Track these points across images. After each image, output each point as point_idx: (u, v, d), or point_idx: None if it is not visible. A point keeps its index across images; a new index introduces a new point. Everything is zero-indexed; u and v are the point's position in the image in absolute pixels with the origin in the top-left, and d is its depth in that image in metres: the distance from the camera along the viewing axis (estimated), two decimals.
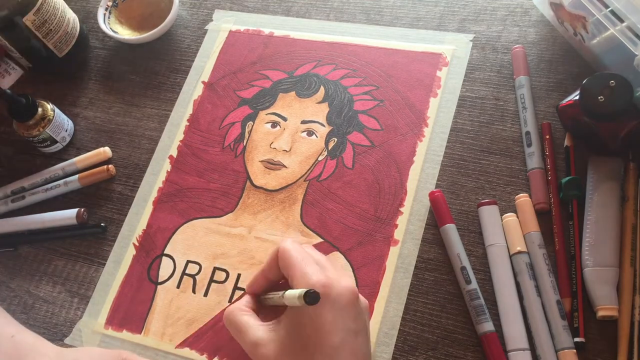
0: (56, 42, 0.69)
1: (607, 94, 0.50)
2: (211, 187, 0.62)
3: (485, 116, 0.59)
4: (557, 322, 0.48)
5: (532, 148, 0.55)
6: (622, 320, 0.47)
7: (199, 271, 0.58)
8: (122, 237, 0.62)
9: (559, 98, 0.57)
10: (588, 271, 0.49)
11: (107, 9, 0.73)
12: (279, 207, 0.59)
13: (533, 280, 0.50)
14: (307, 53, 0.67)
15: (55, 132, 0.66)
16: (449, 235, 0.53)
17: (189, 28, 0.73)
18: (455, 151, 0.58)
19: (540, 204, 0.53)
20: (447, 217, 0.54)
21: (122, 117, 0.69)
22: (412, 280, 0.53)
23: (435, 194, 0.55)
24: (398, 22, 0.66)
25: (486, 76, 0.61)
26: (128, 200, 0.64)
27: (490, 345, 0.49)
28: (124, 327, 0.57)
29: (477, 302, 0.50)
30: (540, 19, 0.62)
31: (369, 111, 0.62)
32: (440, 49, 0.63)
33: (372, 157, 0.60)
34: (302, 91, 0.65)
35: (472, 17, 0.65)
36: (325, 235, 0.57)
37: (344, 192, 0.59)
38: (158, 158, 0.65)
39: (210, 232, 0.60)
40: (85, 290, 0.60)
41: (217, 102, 0.67)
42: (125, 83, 0.71)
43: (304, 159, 0.61)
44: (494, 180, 0.56)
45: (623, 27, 0.49)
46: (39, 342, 0.53)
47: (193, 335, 0.55)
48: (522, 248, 0.51)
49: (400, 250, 0.55)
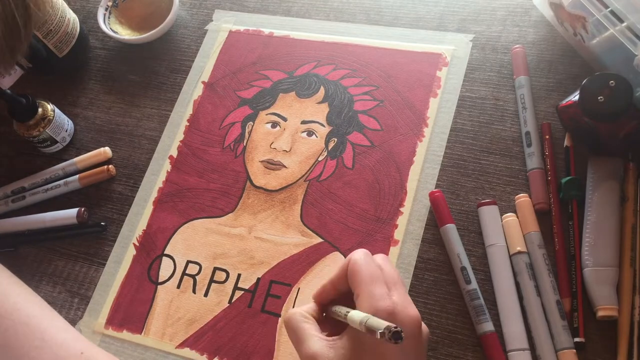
0: (56, 42, 0.69)
1: (607, 94, 0.50)
2: (211, 187, 0.62)
3: (485, 116, 0.59)
4: (557, 322, 0.48)
5: (532, 148, 0.55)
6: (622, 320, 0.47)
7: (199, 271, 0.58)
8: (122, 237, 0.62)
9: (558, 98, 0.57)
10: (588, 271, 0.49)
11: (107, 9, 0.73)
12: (279, 207, 0.59)
13: (533, 281, 0.50)
14: (307, 53, 0.67)
15: (55, 132, 0.67)
16: (449, 235, 0.53)
17: (189, 28, 0.73)
18: (455, 151, 0.58)
19: (540, 204, 0.53)
20: (447, 217, 0.54)
21: (122, 117, 0.69)
22: (412, 280, 0.53)
23: (435, 194, 0.55)
24: (398, 22, 0.66)
25: (486, 76, 0.61)
26: (128, 201, 0.64)
27: (490, 345, 0.49)
28: (124, 327, 0.57)
29: (477, 302, 0.50)
30: (540, 19, 0.62)
31: (369, 111, 0.62)
32: (440, 49, 0.63)
33: (372, 157, 0.60)
34: (302, 91, 0.65)
35: (472, 17, 0.65)
36: (325, 235, 0.57)
37: (344, 192, 0.59)
38: (158, 158, 0.65)
39: (210, 232, 0.60)
40: (86, 291, 0.60)
41: (217, 102, 0.67)
42: (125, 83, 0.72)
43: (304, 159, 0.61)
44: (494, 180, 0.56)
45: (623, 27, 0.49)
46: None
47: (193, 335, 0.55)
48: (522, 248, 0.51)
49: (400, 250, 0.55)
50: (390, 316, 0.40)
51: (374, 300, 0.41)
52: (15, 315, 0.51)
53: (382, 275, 0.43)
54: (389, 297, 0.41)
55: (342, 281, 0.45)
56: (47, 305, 0.54)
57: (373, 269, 0.43)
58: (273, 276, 0.56)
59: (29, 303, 0.53)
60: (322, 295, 0.47)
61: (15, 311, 0.51)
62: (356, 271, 0.43)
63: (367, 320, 0.38)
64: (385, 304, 0.40)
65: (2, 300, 0.52)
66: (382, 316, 0.39)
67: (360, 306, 0.41)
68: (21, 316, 0.51)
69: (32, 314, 0.51)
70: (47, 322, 0.52)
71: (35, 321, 0.51)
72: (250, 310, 0.55)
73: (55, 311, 0.54)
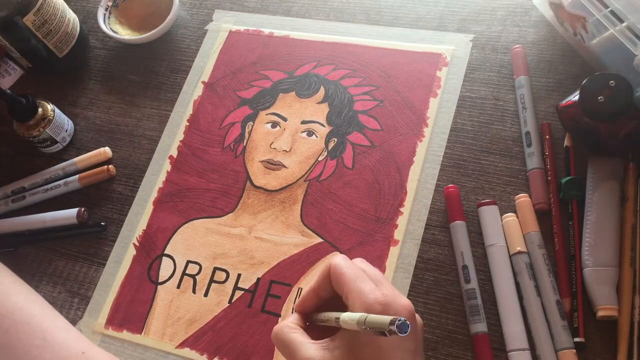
0: (56, 42, 0.69)
1: (607, 94, 0.50)
2: (211, 187, 0.62)
3: (485, 116, 0.59)
4: (557, 322, 0.48)
5: (532, 148, 0.55)
6: (621, 320, 0.47)
7: (199, 271, 0.58)
8: (122, 237, 0.62)
9: (558, 98, 0.57)
10: (588, 271, 0.49)
11: (107, 9, 0.73)
12: (279, 207, 0.59)
13: (533, 280, 0.50)
14: (307, 53, 0.67)
15: (55, 132, 0.67)
16: (457, 232, 0.53)
17: (189, 28, 0.73)
18: (455, 151, 0.58)
19: (540, 204, 0.53)
20: (459, 213, 0.54)
21: (122, 117, 0.69)
22: (412, 280, 0.53)
23: (450, 189, 0.55)
24: (398, 22, 0.66)
25: (486, 76, 0.61)
26: (128, 201, 0.64)
27: (481, 346, 0.49)
28: (124, 327, 0.57)
29: (472, 302, 0.50)
30: (540, 19, 0.62)
31: (369, 111, 0.62)
32: (440, 49, 0.63)
33: (372, 157, 0.60)
34: (302, 91, 0.65)
35: (472, 17, 0.65)
36: (325, 235, 0.57)
37: (344, 192, 0.59)
38: (158, 158, 0.65)
39: (210, 232, 0.60)
40: (86, 291, 0.60)
41: (217, 102, 0.67)
42: (125, 83, 0.72)
43: (304, 159, 0.61)
44: (494, 180, 0.56)
45: (623, 27, 0.49)
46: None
47: (193, 335, 0.55)
48: (522, 248, 0.51)
49: (400, 250, 0.55)
50: (383, 307, 0.40)
51: (364, 296, 0.41)
52: (16, 315, 0.51)
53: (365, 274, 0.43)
54: (377, 290, 0.41)
55: (324, 288, 0.45)
56: (48, 305, 0.54)
57: (356, 268, 0.43)
58: (273, 276, 0.56)
59: (30, 302, 0.53)
60: (305, 305, 0.46)
61: (17, 310, 0.51)
62: (340, 273, 0.43)
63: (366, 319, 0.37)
64: (376, 296, 0.40)
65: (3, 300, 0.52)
66: (376, 309, 0.39)
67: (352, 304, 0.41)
68: (22, 315, 0.51)
69: (33, 314, 0.51)
70: (48, 322, 0.52)
71: (37, 320, 0.51)
72: (250, 310, 0.55)
73: (56, 311, 0.54)
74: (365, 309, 0.39)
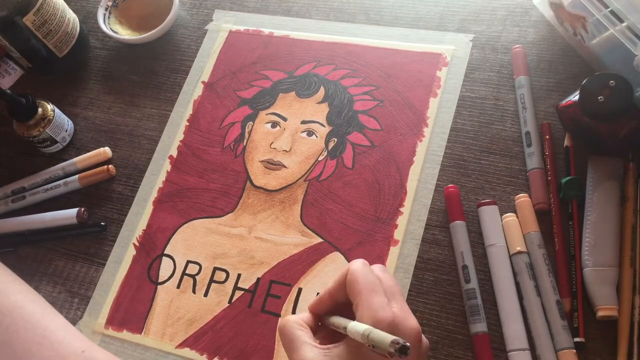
0: (56, 42, 0.69)
1: (607, 94, 0.50)
2: (211, 187, 0.62)
3: (485, 116, 0.59)
4: (557, 322, 0.48)
5: (532, 148, 0.55)
6: (622, 320, 0.47)
7: (199, 271, 0.58)
8: (122, 237, 0.62)
9: (558, 98, 0.57)
10: (588, 271, 0.49)
11: (107, 9, 0.73)
12: (279, 207, 0.59)
13: (533, 280, 0.50)
14: (307, 53, 0.67)
15: (55, 132, 0.67)
16: (457, 232, 0.53)
17: (189, 28, 0.73)
18: (455, 151, 0.58)
19: (540, 204, 0.53)
20: (459, 213, 0.54)
21: (122, 117, 0.69)
22: (412, 280, 0.53)
23: (450, 189, 0.55)
24: (398, 22, 0.66)
25: (486, 76, 0.61)
26: (128, 201, 0.64)
27: (481, 346, 0.49)
28: (124, 327, 0.57)
29: (472, 301, 0.50)
30: (540, 19, 0.62)
31: (369, 111, 0.62)
32: (440, 49, 0.63)
33: (372, 157, 0.60)
34: (302, 91, 0.65)
35: (472, 17, 0.65)
36: (325, 235, 0.57)
37: (344, 192, 0.59)
38: (158, 158, 0.65)
39: (210, 232, 0.60)
40: (86, 291, 0.60)
41: (217, 102, 0.67)
42: (125, 83, 0.72)
43: (304, 159, 0.61)
44: (494, 180, 0.56)
45: (623, 27, 0.49)
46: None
47: (193, 335, 0.55)
48: (522, 248, 0.51)
49: (400, 250, 0.55)
50: (390, 327, 0.39)
51: (374, 311, 0.40)
52: (16, 313, 0.51)
53: (381, 285, 0.42)
54: (389, 307, 0.40)
55: (340, 292, 0.44)
56: (48, 304, 0.54)
57: (372, 278, 0.42)
58: (273, 276, 0.56)
59: (30, 301, 0.53)
60: (319, 306, 0.46)
61: (17, 309, 0.51)
62: (355, 281, 0.42)
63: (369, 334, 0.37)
64: (385, 314, 0.40)
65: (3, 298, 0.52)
66: (383, 327, 0.39)
67: (360, 316, 0.40)
68: (22, 314, 0.51)
69: (33, 312, 0.51)
70: (48, 320, 0.52)
71: (36, 319, 0.51)
72: (250, 310, 0.55)
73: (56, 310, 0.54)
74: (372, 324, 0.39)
